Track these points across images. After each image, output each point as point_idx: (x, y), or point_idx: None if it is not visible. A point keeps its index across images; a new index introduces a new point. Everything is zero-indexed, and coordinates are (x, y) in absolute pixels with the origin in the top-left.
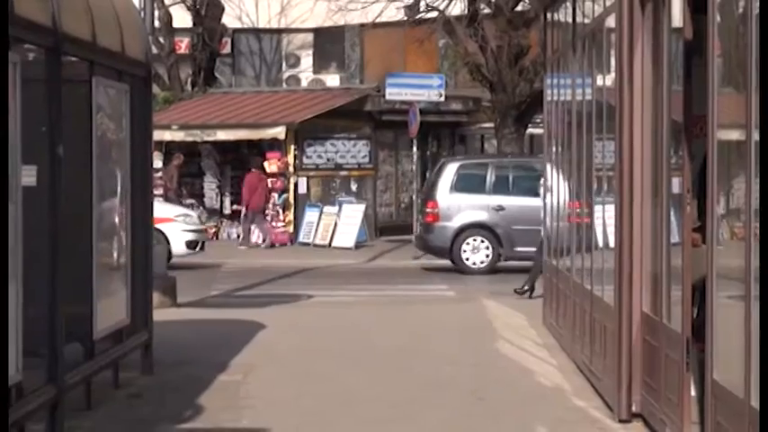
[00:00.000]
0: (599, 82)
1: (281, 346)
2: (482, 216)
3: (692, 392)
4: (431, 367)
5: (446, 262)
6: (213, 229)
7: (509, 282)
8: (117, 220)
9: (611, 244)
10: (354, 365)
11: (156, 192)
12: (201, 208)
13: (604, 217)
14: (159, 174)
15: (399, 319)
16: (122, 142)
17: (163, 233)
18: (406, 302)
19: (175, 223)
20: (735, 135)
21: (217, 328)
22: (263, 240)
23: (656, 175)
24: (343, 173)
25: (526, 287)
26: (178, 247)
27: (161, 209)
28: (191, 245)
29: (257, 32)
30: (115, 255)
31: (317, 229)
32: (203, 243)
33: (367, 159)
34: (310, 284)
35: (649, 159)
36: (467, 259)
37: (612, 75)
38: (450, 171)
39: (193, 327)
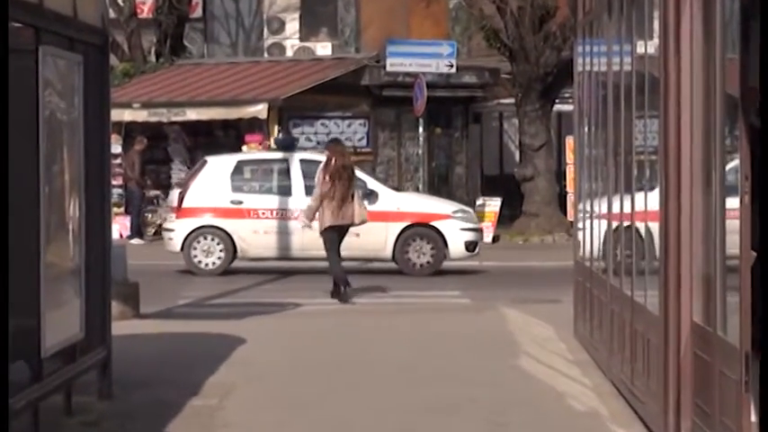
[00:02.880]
0: (640, 49)
1: (264, 364)
2: None
3: (753, 417)
4: (441, 388)
5: (458, 263)
6: None
7: (535, 287)
8: (69, 215)
9: (656, 241)
10: (350, 387)
11: (114, 182)
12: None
13: (647, 209)
14: (118, 160)
15: (403, 332)
16: (75, 123)
17: (440, 233)
18: (411, 311)
19: (453, 221)
20: None
21: (187, 344)
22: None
23: (708, 160)
24: None
25: (340, 289)
26: (456, 248)
27: (436, 204)
28: (470, 246)
29: None
30: (67, 257)
31: None
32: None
33: (364, 142)
34: (297, 290)
35: (700, 141)
36: None
37: (656, 41)
38: None
39: (160, 342)
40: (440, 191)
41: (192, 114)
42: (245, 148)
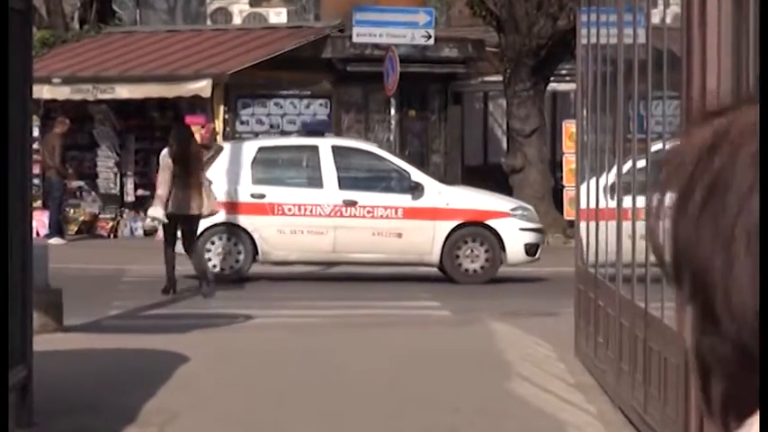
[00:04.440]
0: (656, 19)
1: (211, 386)
2: None
3: None
4: (420, 416)
5: (432, 270)
6: (110, 224)
7: (527, 297)
8: None
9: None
10: (314, 415)
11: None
12: (94, 193)
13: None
14: (36, 145)
15: (375, 349)
16: None
17: (496, 233)
18: (383, 325)
19: (511, 219)
20: None
21: (120, 362)
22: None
23: None
24: None
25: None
26: (515, 251)
27: (491, 200)
28: (530, 250)
29: None
30: None
31: None
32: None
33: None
34: (249, 299)
35: None
36: None
37: (676, 8)
38: None
39: (88, 359)
40: None
41: (122, 92)
42: None
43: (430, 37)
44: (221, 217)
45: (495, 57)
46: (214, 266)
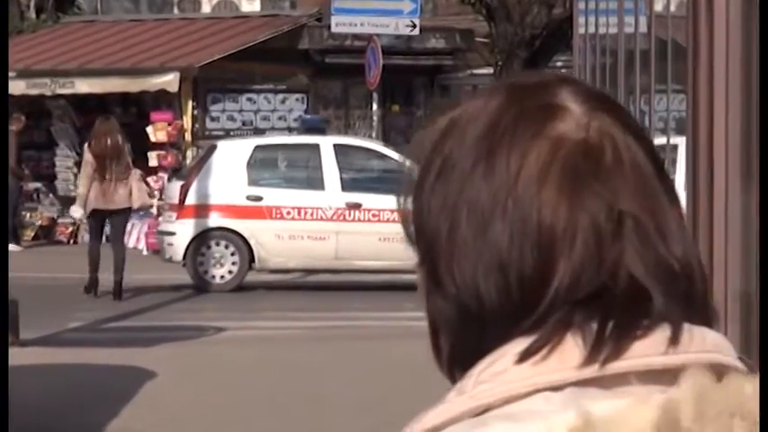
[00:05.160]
0: (659, 6)
1: (178, 404)
2: None
3: None
4: None
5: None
6: (70, 228)
7: None
8: None
9: None
10: None
11: None
12: (52, 195)
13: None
14: None
15: (359, 364)
16: None
17: None
18: (366, 337)
19: None
20: None
21: (80, 378)
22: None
23: (749, 147)
24: None
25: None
26: None
27: None
28: None
29: None
30: None
31: None
32: None
33: None
34: (220, 311)
35: (738, 123)
36: None
37: None
38: None
39: (46, 375)
40: None
41: (82, 86)
42: (149, 129)
43: (415, 26)
44: (216, 221)
45: (485, 48)
46: (208, 275)
